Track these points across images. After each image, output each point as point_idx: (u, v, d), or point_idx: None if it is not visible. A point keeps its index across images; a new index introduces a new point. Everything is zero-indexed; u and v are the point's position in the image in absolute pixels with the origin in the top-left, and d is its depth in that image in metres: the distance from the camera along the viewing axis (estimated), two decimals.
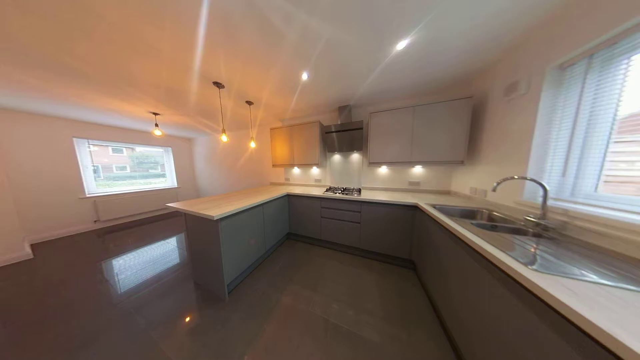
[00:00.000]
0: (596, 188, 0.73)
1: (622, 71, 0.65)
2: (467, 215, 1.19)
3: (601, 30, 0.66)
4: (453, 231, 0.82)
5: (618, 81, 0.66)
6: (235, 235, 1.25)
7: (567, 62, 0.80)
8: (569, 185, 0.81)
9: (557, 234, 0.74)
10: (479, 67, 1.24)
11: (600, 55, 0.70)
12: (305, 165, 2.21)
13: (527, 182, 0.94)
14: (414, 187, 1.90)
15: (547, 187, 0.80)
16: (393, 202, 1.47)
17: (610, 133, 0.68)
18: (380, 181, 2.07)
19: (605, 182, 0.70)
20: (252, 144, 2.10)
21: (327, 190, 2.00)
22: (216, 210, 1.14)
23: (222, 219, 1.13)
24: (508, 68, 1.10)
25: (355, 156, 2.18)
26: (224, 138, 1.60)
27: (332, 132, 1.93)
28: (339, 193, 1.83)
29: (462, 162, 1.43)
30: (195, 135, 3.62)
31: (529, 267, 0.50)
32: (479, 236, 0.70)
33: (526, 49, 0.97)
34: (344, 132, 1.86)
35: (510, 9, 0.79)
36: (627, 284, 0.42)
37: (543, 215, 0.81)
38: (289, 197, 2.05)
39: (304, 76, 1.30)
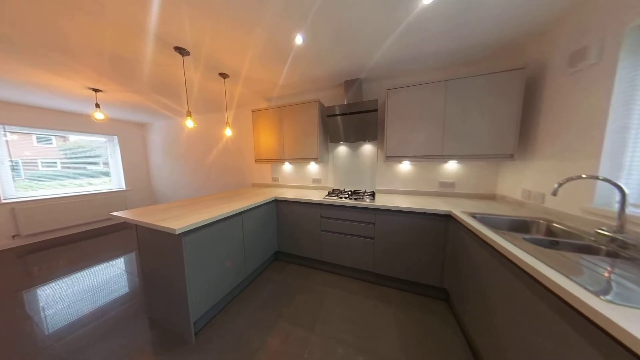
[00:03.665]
0: None
1: None
2: (519, 227, 1.19)
3: None
4: (499, 249, 0.82)
5: None
6: (204, 255, 1.26)
7: None
8: None
9: (638, 252, 0.74)
10: (533, 28, 1.25)
11: None
12: (300, 160, 2.22)
13: (599, 183, 0.95)
14: (447, 189, 1.92)
15: (626, 190, 0.81)
16: (418, 209, 1.48)
17: None
18: (400, 181, 2.09)
19: None
20: (228, 131, 2.10)
21: (329, 194, 2.01)
22: (179, 222, 1.15)
23: (186, 234, 1.13)
24: (573, 30, 1.11)
25: (368, 148, 2.19)
26: (189, 123, 1.60)
27: (337, 115, 1.94)
28: (346, 198, 1.84)
29: (511, 156, 1.44)
30: (151, 119, 3.62)
31: (602, 297, 0.50)
32: (533, 255, 0.71)
33: (597, 3, 0.98)
34: (353, 116, 1.87)
35: None
36: None
37: (620, 228, 0.81)
38: (277, 203, 2.07)
39: (298, 40, 1.31)
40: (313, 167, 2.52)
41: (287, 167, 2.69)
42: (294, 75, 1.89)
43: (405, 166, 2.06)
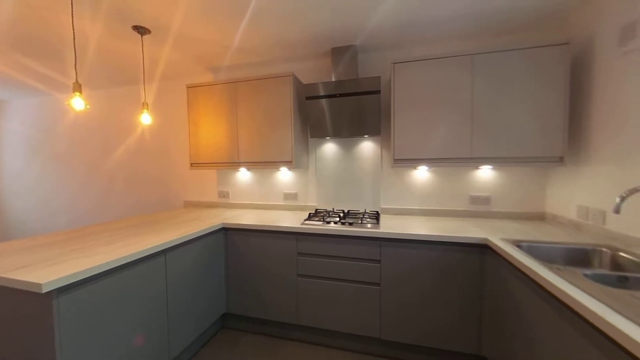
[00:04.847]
0: None
1: None
2: (577, 259, 1.31)
3: None
4: (557, 294, 0.88)
5: None
6: (96, 327, 1.15)
7: None
8: None
9: None
10: None
11: None
12: (265, 165, 2.21)
13: None
14: (480, 206, 2.06)
15: None
16: (443, 238, 1.55)
17: None
18: (416, 196, 2.19)
19: None
20: (146, 118, 2.04)
21: (310, 217, 2.01)
22: (48, 271, 1.06)
23: (62, 292, 1.03)
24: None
25: (368, 147, 2.28)
26: (77, 103, 1.50)
27: (321, 97, 2.00)
28: (336, 223, 1.85)
29: (560, 160, 1.62)
30: (7, 95, 3.41)
31: None
32: (598, 299, 0.78)
33: None
34: (345, 98, 1.95)
35: None
36: None
37: None
38: (227, 233, 2.01)
39: None
40: (285, 176, 2.51)
41: (243, 175, 2.64)
42: (255, 36, 1.93)
43: (421, 174, 2.17)
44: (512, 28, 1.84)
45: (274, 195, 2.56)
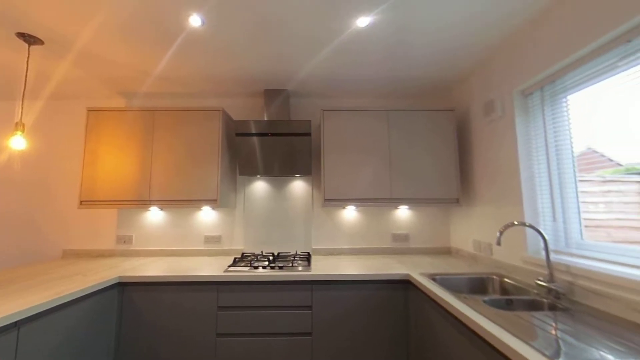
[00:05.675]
0: (581, 234, 1.29)
1: (564, 109, 1.34)
2: (477, 287, 1.57)
3: (542, 65, 1.37)
4: (467, 322, 1.01)
5: (564, 118, 1.34)
6: None
7: (527, 90, 1.52)
8: (561, 231, 1.37)
9: (568, 301, 1.16)
10: (456, 75, 2.01)
11: (548, 89, 1.42)
12: (184, 203, 2.02)
13: (528, 230, 1.48)
14: (401, 243, 2.29)
15: (545, 236, 1.29)
16: (371, 277, 1.64)
17: (575, 171, 1.31)
18: (346, 236, 2.31)
19: (586, 227, 1.27)
20: (18, 141, 1.65)
21: (235, 263, 1.87)
22: None
23: None
24: (482, 83, 1.89)
25: (299, 186, 2.35)
26: None
27: (252, 134, 2.01)
28: (265, 267, 1.76)
29: (457, 201, 2.01)
30: None
31: None
32: (496, 323, 0.92)
33: (493, 66, 1.75)
34: (277, 138, 2.02)
35: (483, 14, 1.43)
36: None
37: (551, 277, 1.25)
38: (124, 290, 1.66)
39: (194, 20, 1.37)
40: (207, 217, 2.32)
41: (154, 216, 2.32)
42: (183, 67, 1.88)
43: (350, 213, 2.32)
44: (417, 93, 2.34)
45: (193, 238, 2.30)
